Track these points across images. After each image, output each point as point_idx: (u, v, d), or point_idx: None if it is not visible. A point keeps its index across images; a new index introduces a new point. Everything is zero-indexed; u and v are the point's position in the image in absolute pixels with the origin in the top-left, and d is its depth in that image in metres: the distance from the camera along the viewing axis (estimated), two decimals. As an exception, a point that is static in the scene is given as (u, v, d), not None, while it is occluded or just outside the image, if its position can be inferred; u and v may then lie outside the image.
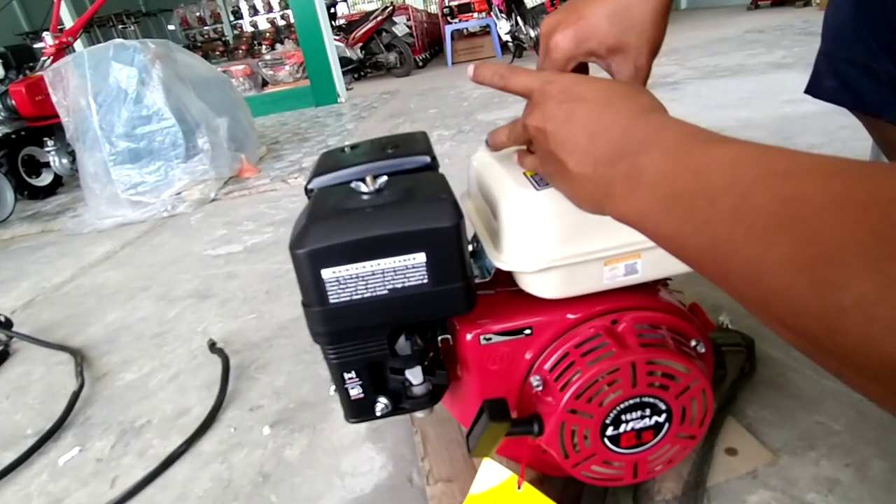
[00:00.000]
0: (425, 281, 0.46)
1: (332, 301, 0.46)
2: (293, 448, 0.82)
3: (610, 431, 0.52)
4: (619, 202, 0.35)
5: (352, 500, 0.71)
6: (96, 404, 1.03)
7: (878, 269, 0.20)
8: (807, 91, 0.71)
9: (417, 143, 0.63)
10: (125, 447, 0.89)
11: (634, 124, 0.35)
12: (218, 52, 9.21)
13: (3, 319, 1.33)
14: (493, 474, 0.58)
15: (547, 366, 0.54)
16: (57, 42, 3.05)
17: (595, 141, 0.36)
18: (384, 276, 0.45)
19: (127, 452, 0.88)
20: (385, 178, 0.49)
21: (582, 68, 0.52)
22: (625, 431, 0.52)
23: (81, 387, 1.06)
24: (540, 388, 0.53)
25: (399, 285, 0.46)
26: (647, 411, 0.51)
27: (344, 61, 5.61)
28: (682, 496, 0.61)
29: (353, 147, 0.65)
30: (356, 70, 6.58)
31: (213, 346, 1.10)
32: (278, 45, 7.02)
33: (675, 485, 0.62)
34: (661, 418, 0.52)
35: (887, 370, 0.20)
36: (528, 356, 0.55)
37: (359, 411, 0.53)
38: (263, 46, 8.41)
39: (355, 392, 0.52)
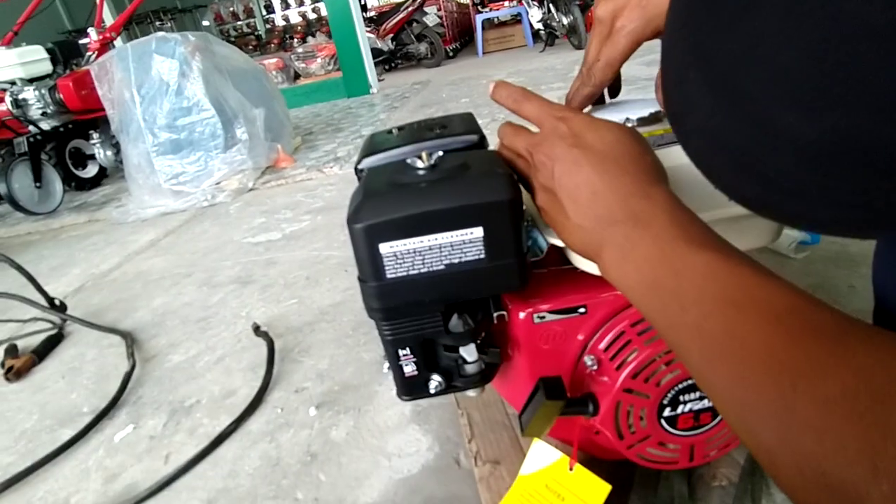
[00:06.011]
0: (482, 256, 0.45)
1: (388, 276, 0.46)
2: (339, 429, 0.83)
3: (667, 412, 0.51)
4: (608, 267, 0.38)
5: (399, 481, 0.71)
6: (147, 384, 1.06)
7: (780, 421, 0.23)
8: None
9: (465, 122, 0.63)
10: (176, 425, 0.92)
11: (634, 196, 0.37)
12: (251, 47, 9.35)
13: (58, 303, 1.39)
14: (543, 455, 0.57)
15: (602, 345, 0.53)
16: (101, 38, 3.15)
17: (596, 200, 0.38)
18: (441, 251, 0.45)
19: (178, 430, 0.91)
20: (440, 153, 0.48)
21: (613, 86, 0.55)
22: (682, 413, 0.51)
23: (133, 368, 1.09)
24: (594, 367, 0.52)
25: (456, 260, 0.45)
26: (707, 392, 0.50)
27: (375, 52, 5.63)
28: (740, 482, 0.59)
29: (399, 129, 0.65)
30: (387, 61, 6.59)
31: (257, 330, 1.12)
32: (310, 38, 7.08)
33: (731, 471, 0.60)
34: (721, 400, 0.51)
35: None
36: (581, 336, 0.54)
37: (412, 388, 0.54)
38: (295, 40, 8.50)
39: (409, 369, 0.52)
